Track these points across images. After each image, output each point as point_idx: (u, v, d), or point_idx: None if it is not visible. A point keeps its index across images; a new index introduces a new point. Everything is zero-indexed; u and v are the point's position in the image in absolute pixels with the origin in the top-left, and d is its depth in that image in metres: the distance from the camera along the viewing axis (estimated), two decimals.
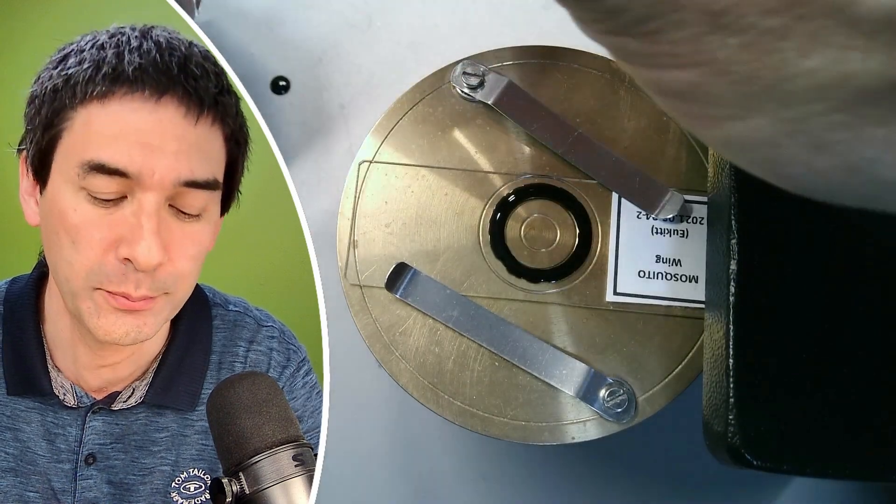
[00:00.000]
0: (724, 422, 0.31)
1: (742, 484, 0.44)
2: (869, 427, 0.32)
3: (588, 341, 0.35)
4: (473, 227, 0.36)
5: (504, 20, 0.49)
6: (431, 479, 0.44)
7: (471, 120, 0.36)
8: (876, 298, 0.33)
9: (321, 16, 0.49)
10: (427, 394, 0.34)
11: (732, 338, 0.31)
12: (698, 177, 0.36)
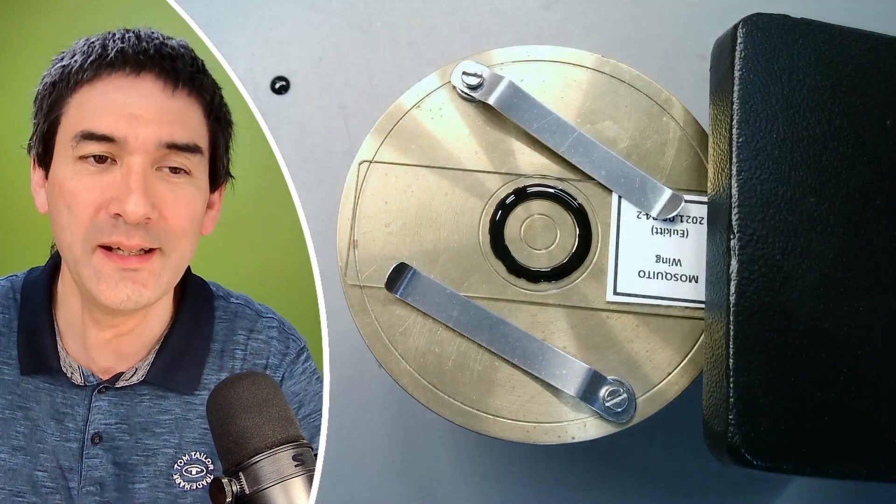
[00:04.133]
0: (724, 422, 0.31)
1: (742, 484, 0.44)
2: (869, 427, 0.32)
3: (588, 341, 0.35)
4: (473, 227, 0.36)
5: (504, 20, 0.49)
6: (431, 479, 0.45)
7: (471, 120, 0.36)
8: (876, 298, 0.33)
9: (321, 16, 0.49)
10: (427, 394, 0.34)
11: (732, 338, 0.31)
12: (698, 177, 0.36)
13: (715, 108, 0.34)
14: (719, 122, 0.34)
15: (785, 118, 0.33)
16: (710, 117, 0.35)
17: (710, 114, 0.35)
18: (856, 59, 0.34)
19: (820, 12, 0.35)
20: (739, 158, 0.32)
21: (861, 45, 0.34)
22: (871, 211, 0.33)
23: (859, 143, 0.33)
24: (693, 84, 0.40)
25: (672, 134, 0.36)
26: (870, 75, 0.34)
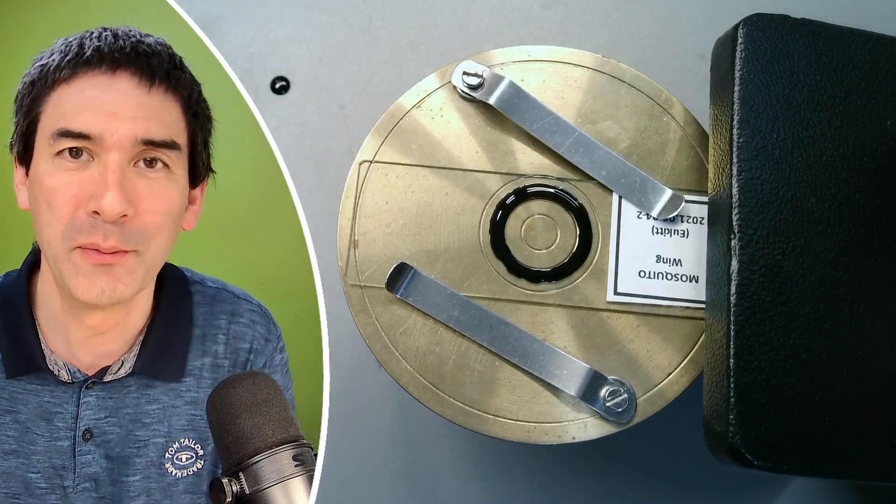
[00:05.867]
0: (725, 422, 0.31)
1: (742, 484, 0.44)
2: (869, 427, 0.32)
3: (588, 341, 0.35)
4: (474, 227, 0.36)
5: (504, 20, 0.49)
6: (431, 479, 0.44)
7: (471, 120, 0.36)
8: (876, 299, 0.33)
9: (321, 16, 0.49)
10: (427, 394, 0.34)
11: (732, 338, 0.31)
12: (698, 177, 0.36)
13: (715, 108, 0.34)
14: (720, 122, 0.34)
15: (785, 118, 0.33)
16: (711, 117, 0.35)
17: (711, 114, 0.35)
18: (856, 59, 0.34)
19: (820, 12, 0.35)
20: (740, 158, 0.32)
21: (861, 45, 0.34)
22: (871, 211, 0.33)
23: (859, 143, 0.33)
24: (693, 84, 0.40)
25: (672, 134, 0.36)
26: (870, 75, 0.34)
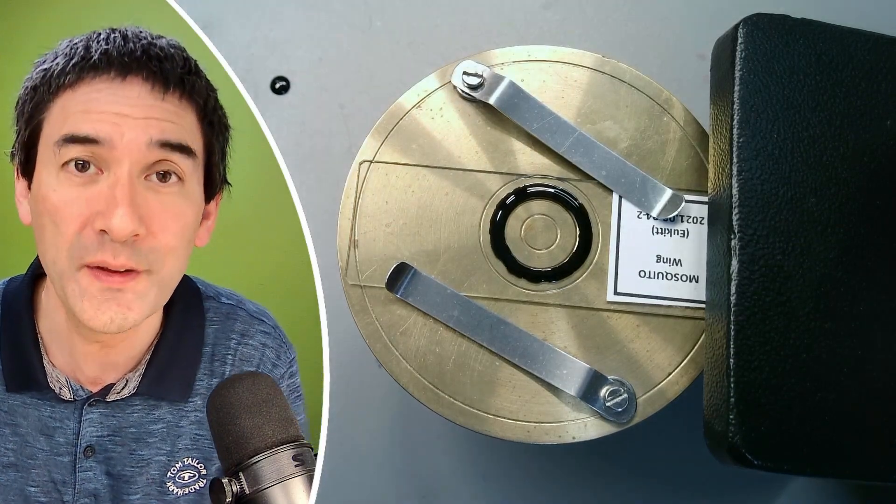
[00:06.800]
0: (725, 422, 0.31)
1: (742, 484, 0.44)
2: (869, 427, 0.32)
3: (588, 341, 0.35)
4: (474, 227, 0.36)
5: (504, 20, 0.49)
6: (431, 479, 0.44)
7: (471, 120, 0.36)
8: (876, 299, 0.33)
9: (321, 16, 0.49)
10: (427, 394, 0.34)
11: (732, 338, 0.31)
12: (698, 177, 0.36)
13: (715, 108, 0.34)
14: (720, 122, 0.34)
15: (785, 118, 0.33)
16: (711, 117, 0.35)
17: (711, 114, 0.35)
18: (856, 59, 0.34)
19: (820, 12, 0.35)
20: (740, 158, 0.32)
21: (861, 45, 0.34)
22: (871, 211, 0.33)
23: (859, 143, 0.33)
24: (693, 84, 0.40)
25: (672, 134, 0.36)
26: (870, 75, 0.34)
